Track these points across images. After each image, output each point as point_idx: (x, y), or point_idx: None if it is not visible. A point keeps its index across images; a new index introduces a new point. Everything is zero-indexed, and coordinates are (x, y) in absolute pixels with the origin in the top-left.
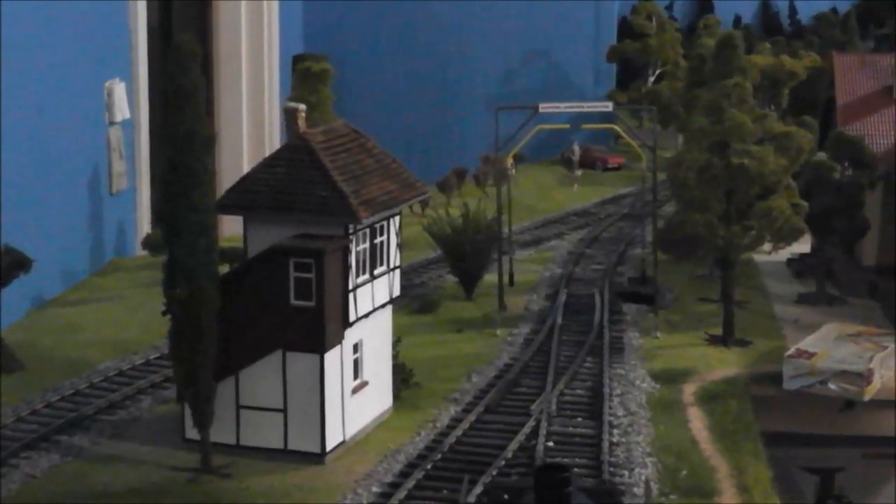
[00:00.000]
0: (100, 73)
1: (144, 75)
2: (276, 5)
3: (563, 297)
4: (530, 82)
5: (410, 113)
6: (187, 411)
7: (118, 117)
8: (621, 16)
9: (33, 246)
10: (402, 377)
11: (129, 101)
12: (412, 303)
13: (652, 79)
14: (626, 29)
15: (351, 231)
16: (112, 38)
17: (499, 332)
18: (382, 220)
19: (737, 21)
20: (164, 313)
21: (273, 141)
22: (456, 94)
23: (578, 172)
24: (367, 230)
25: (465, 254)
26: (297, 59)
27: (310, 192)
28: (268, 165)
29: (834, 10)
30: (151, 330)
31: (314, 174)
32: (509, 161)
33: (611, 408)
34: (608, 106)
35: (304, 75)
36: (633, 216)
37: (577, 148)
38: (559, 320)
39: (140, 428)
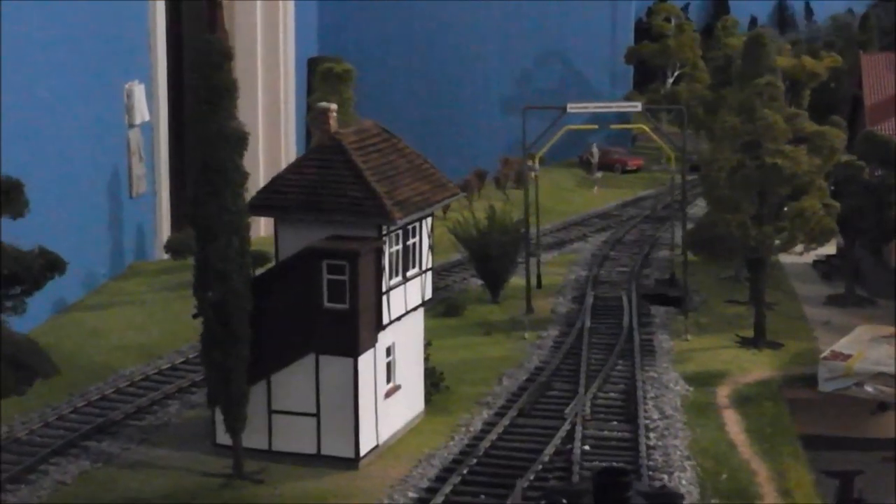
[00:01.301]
0: (119, 75)
1: (164, 77)
2: (291, 6)
3: (590, 300)
4: (546, 83)
5: (424, 114)
6: (219, 416)
7: (138, 120)
8: (637, 17)
9: (53, 250)
10: (433, 381)
11: (148, 103)
12: (438, 305)
13: (671, 80)
14: (643, 30)
15: (384, 232)
16: (131, 39)
17: (527, 335)
18: (415, 221)
19: (753, 22)
20: (195, 316)
21: (289, 142)
22: (470, 94)
23: (598, 174)
24: (400, 231)
25: (492, 256)
26: (312, 61)
27: (342, 193)
28: (299, 166)
29: (850, 11)
30: (175, 334)
31: (346, 175)
32: (535, 162)
33: (646, 411)
34: (637, 106)
35: (325, 76)
36: (656, 218)
37: (595, 150)
38: (588, 323)
39: (169, 433)
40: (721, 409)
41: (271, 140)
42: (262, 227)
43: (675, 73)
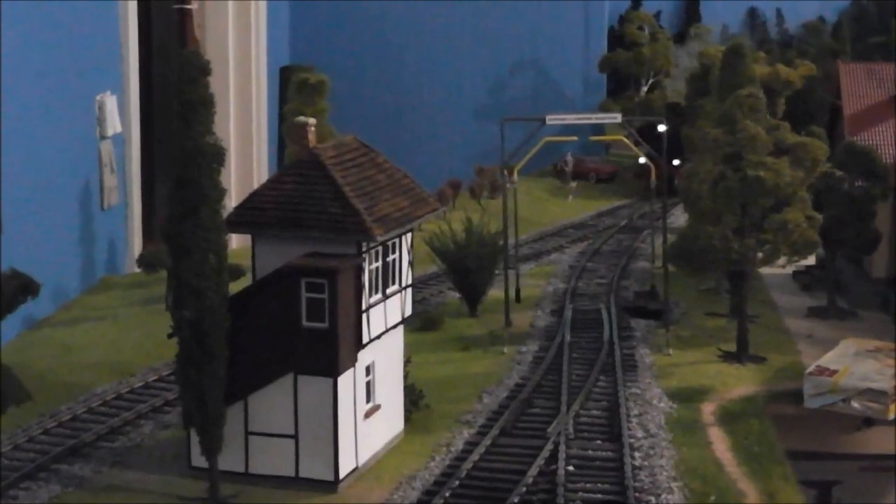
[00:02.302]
0: (90, 86)
1: (136, 88)
2: (263, 12)
3: (569, 313)
4: (519, 92)
5: (397, 123)
6: (194, 437)
7: (109, 131)
8: (609, 25)
9: (23, 264)
10: (412, 399)
11: (119, 114)
12: (415, 320)
13: (644, 88)
14: (615, 38)
15: (364, 249)
16: (102, 49)
17: (506, 349)
18: (395, 237)
19: (724, 30)
20: (170, 335)
21: (261, 153)
22: (443, 103)
23: (573, 184)
24: (380, 248)
25: (470, 269)
26: (284, 70)
27: (321, 209)
28: (277, 181)
29: (821, 19)
30: (147, 351)
31: (325, 190)
32: (513, 173)
33: (630, 429)
34: (617, 118)
35: (300, 87)
36: (632, 228)
37: (570, 158)
38: (568, 337)
39: (143, 455)
40: (706, 426)
41: (243, 152)
42: (233, 240)
43: (650, 82)
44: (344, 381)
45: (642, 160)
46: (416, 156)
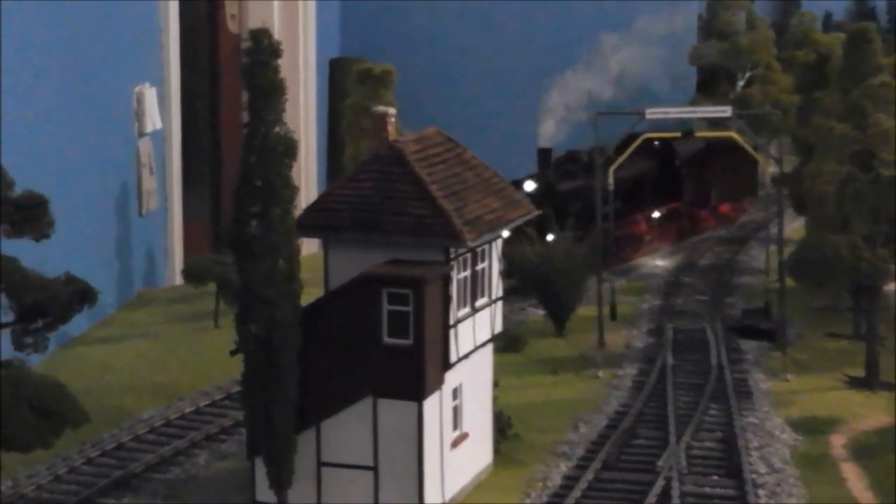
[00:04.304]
0: (128, 78)
1: (177, 79)
2: (312, 5)
3: (670, 333)
4: (606, 90)
5: (457, 120)
6: (259, 469)
7: (149, 127)
8: (698, 12)
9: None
10: (500, 427)
11: (159, 108)
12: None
13: (741, 83)
14: (705, 27)
15: (452, 256)
16: (141, 36)
17: (601, 373)
18: (485, 243)
19: (827, 17)
20: (234, 352)
21: (309, 151)
22: (510, 99)
23: None
24: (469, 255)
25: (556, 283)
26: (334, 63)
27: (404, 211)
28: (353, 179)
29: None
30: (196, 372)
31: (408, 189)
32: (608, 174)
33: (750, 463)
34: (726, 111)
35: (362, 78)
36: (732, 239)
37: None
38: (670, 360)
39: (199, 489)
40: (838, 461)
41: None
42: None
43: (747, 75)
44: (430, 405)
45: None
46: (481, 157)
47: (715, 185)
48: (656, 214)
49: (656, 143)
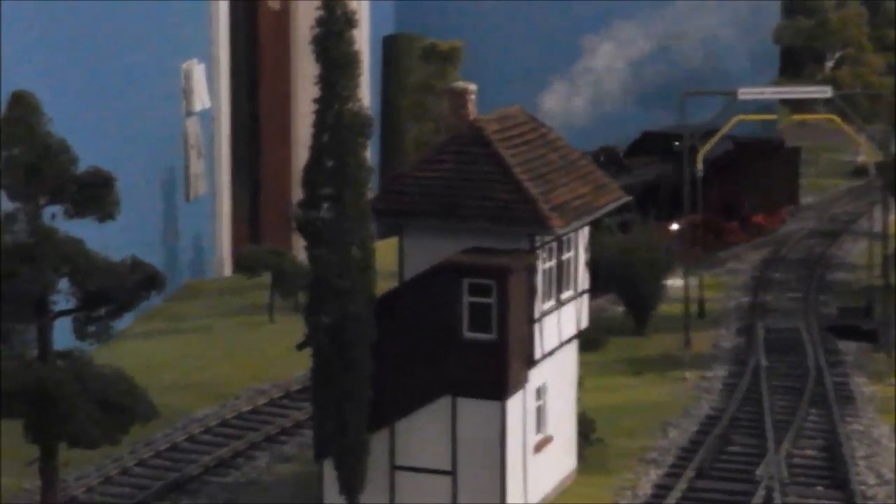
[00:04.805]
0: (175, 53)
1: (226, 55)
2: None
3: (761, 332)
4: (671, 67)
5: (525, 103)
6: (328, 472)
7: (197, 106)
8: None
9: None
10: (582, 431)
11: (208, 86)
12: None
13: (830, 64)
14: (790, 4)
15: (537, 245)
16: (188, 10)
17: (688, 374)
18: (573, 230)
19: None
20: (301, 346)
21: None
22: (572, 81)
23: None
24: (554, 244)
25: (638, 278)
26: (388, 40)
27: (486, 195)
28: (432, 161)
29: None
30: (249, 369)
31: (491, 172)
32: (697, 160)
33: (858, 474)
34: (826, 91)
35: (428, 55)
36: (823, 233)
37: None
38: (763, 361)
39: (260, 492)
40: None
41: None
42: None
43: (837, 56)
44: (513, 405)
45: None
46: None
47: (747, 192)
48: (675, 227)
49: (676, 143)
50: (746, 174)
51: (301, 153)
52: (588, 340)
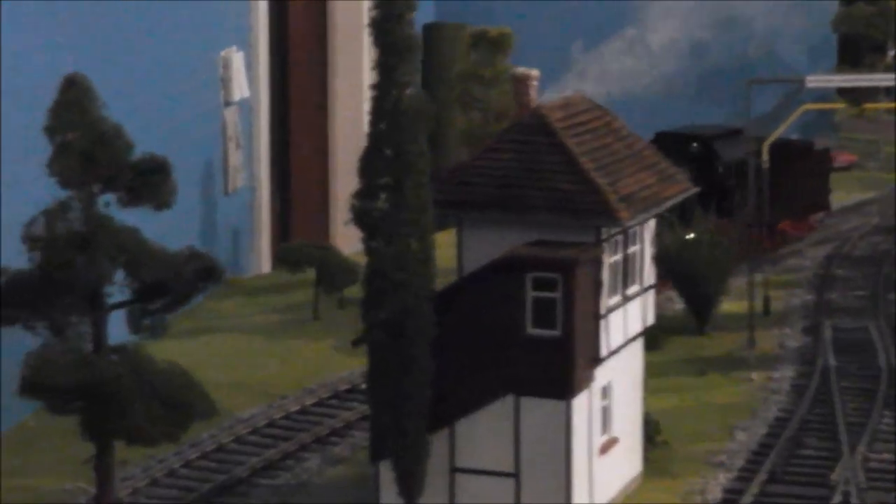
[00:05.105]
0: (213, 41)
1: (265, 43)
2: None
3: (829, 332)
4: (722, 58)
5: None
6: (385, 474)
7: (236, 96)
8: None
9: None
10: (647, 433)
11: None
12: None
13: (892, 52)
14: None
15: (603, 237)
16: None
17: (754, 375)
18: (640, 223)
19: None
20: (356, 342)
21: None
22: (617, 70)
23: None
24: (620, 237)
25: (700, 274)
26: (428, 28)
27: (551, 185)
28: (493, 150)
29: None
30: (295, 368)
31: (555, 161)
32: (762, 151)
33: None
34: (892, 79)
35: (476, 42)
36: (889, 229)
37: None
38: (832, 361)
39: (312, 495)
40: None
41: None
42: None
43: None
44: (578, 405)
45: None
46: None
47: (773, 197)
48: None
49: (695, 144)
50: (772, 178)
51: (339, 144)
52: (649, 339)
